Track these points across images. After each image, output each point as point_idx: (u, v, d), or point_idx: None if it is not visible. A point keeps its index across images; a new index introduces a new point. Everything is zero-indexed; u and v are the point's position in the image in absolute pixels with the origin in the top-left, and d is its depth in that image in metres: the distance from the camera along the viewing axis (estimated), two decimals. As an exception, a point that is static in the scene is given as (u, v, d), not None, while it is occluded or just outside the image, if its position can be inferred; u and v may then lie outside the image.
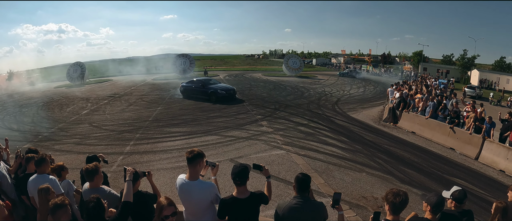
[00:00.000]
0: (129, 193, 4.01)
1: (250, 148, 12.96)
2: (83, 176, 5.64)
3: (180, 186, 4.26)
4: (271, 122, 17.33)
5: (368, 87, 32.23)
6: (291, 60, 52.70)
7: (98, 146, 15.25)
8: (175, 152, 13.40)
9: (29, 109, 29.48)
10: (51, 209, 3.65)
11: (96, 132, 18.09)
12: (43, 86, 55.03)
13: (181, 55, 55.07)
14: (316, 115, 18.70)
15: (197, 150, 4.18)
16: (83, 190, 4.93)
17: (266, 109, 21.31)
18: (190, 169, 4.19)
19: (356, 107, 20.95)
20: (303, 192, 3.90)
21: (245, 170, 4.02)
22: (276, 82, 39.73)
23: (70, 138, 17.05)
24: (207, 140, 14.74)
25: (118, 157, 13.19)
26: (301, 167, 10.53)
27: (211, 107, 23.11)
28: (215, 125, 17.55)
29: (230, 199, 4.08)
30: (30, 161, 5.93)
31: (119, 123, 19.79)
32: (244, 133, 15.32)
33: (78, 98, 34.06)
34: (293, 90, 31.39)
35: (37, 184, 5.24)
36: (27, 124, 22.20)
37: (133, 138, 15.98)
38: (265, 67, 73.70)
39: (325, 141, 13.45)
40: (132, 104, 27.42)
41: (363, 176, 9.78)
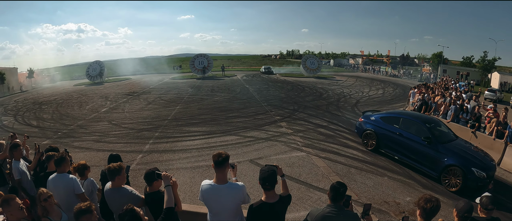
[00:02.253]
0: (170, 199, 3.98)
1: (270, 149, 12.90)
2: (104, 175, 5.78)
3: (207, 191, 4.20)
4: (290, 123, 17.25)
5: (387, 89, 31.87)
6: (309, 60, 52.55)
7: (117, 143, 15.41)
8: (195, 151, 13.44)
9: (49, 106, 30.05)
10: (76, 214, 3.62)
11: (115, 129, 18.30)
12: (63, 84, 56.26)
13: (199, 55, 55.31)
14: (336, 116, 18.59)
15: (224, 153, 4.15)
16: (105, 190, 4.94)
17: (284, 110, 21.23)
18: (219, 172, 4.15)
19: (376, 109, 20.67)
20: (338, 201, 3.85)
21: (274, 174, 3.99)
22: (294, 83, 39.58)
23: (89, 135, 17.30)
24: (226, 140, 14.77)
25: (137, 155, 13.32)
26: (322, 169, 10.44)
27: (229, 107, 23.19)
28: (234, 125, 17.57)
29: (260, 204, 4.04)
30: (50, 159, 5.99)
31: (138, 121, 19.98)
32: (263, 134, 15.29)
33: (97, 96, 34.57)
34: (312, 91, 31.25)
35: (57, 183, 5.39)
36: (47, 121, 22.61)
37: (152, 137, 16.12)
38: (282, 68, 73.53)
39: (346, 143, 13.33)
40: (151, 103, 27.65)
41: (385, 180, 9.65)
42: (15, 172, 6.73)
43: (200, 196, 4.29)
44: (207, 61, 53.91)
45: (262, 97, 27.41)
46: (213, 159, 4.13)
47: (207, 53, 56.79)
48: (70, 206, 5.15)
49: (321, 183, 9.36)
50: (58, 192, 5.32)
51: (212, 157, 4.15)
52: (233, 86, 36.83)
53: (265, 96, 28.10)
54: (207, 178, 9.29)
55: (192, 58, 55.43)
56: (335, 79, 43.61)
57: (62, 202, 5.27)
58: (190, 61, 55.51)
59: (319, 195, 8.58)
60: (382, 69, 59.93)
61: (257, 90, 32.42)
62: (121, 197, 4.63)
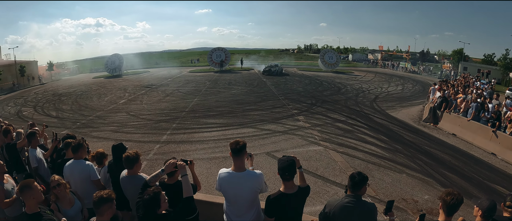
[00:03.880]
0: (189, 188, 3.91)
1: (286, 142, 12.87)
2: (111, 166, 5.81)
3: (225, 178, 4.15)
4: (308, 117, 17.13)
5: (406, 86, 31.38)
6: (328, 55, 52.08)
7: (135, 134, 15.64)
8: (211, 142, 13.54)
9: (68, 98, 30.63)
10: (96, 203, 3.60)
11: (134, 120, 18.53)
12: (82, 77, 57.42)
13: (216, 48, 55.48)
14: (354, 111, 18.37)
15: (242, 141, 4.12)
16: (121, 178, 4.94)
17: (302, 104, 21.11)
18: (237, 160, 4.12)
19: (395, 105, 20.42)
20: (356, 190, 3.77)
21: (294, 163, 3.91)
22: (311, 77, 39.35)
23: (107, 126, 17.60)
24: (243, 132, 14.82)
25: (155, 145, 13.50)
26: (339, 164, 10.33)
27: (246, 100, 23.22)
28: (251, 117, 17.60)
29: (279, 195, 3.95)
30: (68, 147, 6.00)
31: (156, 113, 20.19)
32: (280, 127, 15.24)
33: (115, 88, 35.06)
34: (330, 85, 31.01)
35: (73, 169, 5.45)
36: (66, 111, 23.04)
37: (169, 128, 16.27)
38: (300, 62, 73.09)
39: (364, 139, 13.14)
40: (169, 95, 27.88)
41: (403, 178, 9.46)
42: (32, 159, 6.85)
43: (218, 184, 4.25)
44: (225, 54, 54.04)
45: (279, 91, 27.33)
46: (230, 146, 4.10)
47: (225, 47, 56.89)
48: (86, 192, 5.37)
49: (338, 178, 9.27)
50: (74, 178, 5.43)
51: (230, 145, 4.11)
52: (250, 80, 36.80)
53: (283, 90, 28.01)
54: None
55: (210, 51, 55.74)
56: (354, 74, 43.19)
57: (78, 188, 5.35)
58: (208, 54, 55.87)
59: (336, 190, 8.49)
60: (401, 65, 58.86)
61: (274, 84, 32.32)
62: (138, 184, 4.49)
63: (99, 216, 3.63)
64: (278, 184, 4.10)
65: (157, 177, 4.08)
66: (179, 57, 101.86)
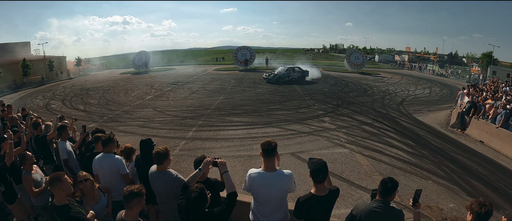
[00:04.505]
0: (231, 184, 4.01)
1: (312, 144, 12.84)
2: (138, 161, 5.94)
3: (256, 179, 4.18)
4: (333, 118, 17.03)
5: (434, 89, 30.74)
6: (354, 55, 51.22)
7: (162, 129, 15.91)
8: (237, 140, 13.66)
9: (96, 92, 31.37)
10: (127, 197, 3.64)
11: (160, 116, 18.85)
12: (109, 72, 58.64)
13: (242, 47, 55.63)
14: (381, 114, 18.15)
15: (274, 142, 4.12)
16: (150, 173, 4.98)
17: (328, 105, 21.00)
18: (268, 160, 4.13)
19: (422, 109, 20.04)
20: (386, 196, 3.78)
21: (326, 166, 3.88)
22: (337, 78, 38.98)
23: (134, 121, 17.97)
24: (268, 131, 14.88)
25: (181, 141, 13.70)
26: (365, 168, 10.26)
27: (271, 99, 23.29)
28: (276, 117, 17.63)
29: (310, 197, 3.93)
30: (98, 141, 6.16)
31: (182, 109, 20.45)
32: (305, 128, 15.22)
33: (142, 84, 35.66)
34: (356, 87, 30.68)
35: (102, 162, 5.60)
36: (93, 106, 23.62)
37: (195, 124, 16.48)
38: (326, 62, 72.52)
39: (390, 143, 12.98)
40: (195, 92, 28.17)
41: (429, 184, 9.30)
42: (62, 151, 7.03)
43: (247, 185, 4.26)
44: (250, 53, 54.13)
45: (304, 91, 27.25)
46: (262, 147, 4.11)
47: (249, 46, 57.01)
48: (114, 185, 5.56)
49: (363, 182, 9.22)
50: (103, 171, 5.61)
51: (261, 145, 4.13)
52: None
53: (308, 90, 27.89)
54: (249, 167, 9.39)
55: (235, 50, 56.00)
56: (380, 76, 42.52)
57: (106, 182, 5.53)
58: (233, 53, 56.13)
59: (361, 194, 8.47)
60: (429, 67, 57.57)
61: (300, 83, 32.25)
62: (166, 180, 4.70)
63: (129, 210, 3.70)
64: (302, 185, 4.11)
65: (196, 177, 4.11)
66: (204, 55, 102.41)
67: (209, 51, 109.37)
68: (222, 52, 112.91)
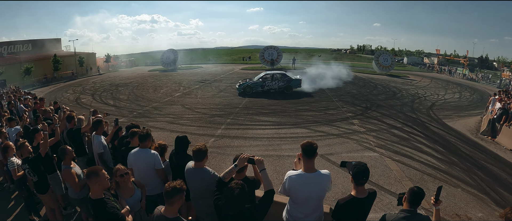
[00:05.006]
0: (268, 182, 4.05)
1: (341, 146, 12.89)
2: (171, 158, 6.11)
3: (297, 180, 4.19)
4: (362, 121, 17.01)
5: (464, 94, 30.08)
6: (382, 57, 50.42)
7: (191, 126, 16.32)
8: (265, 140, 13.86)
9: (125, 88, 32.30)
10: (169, 193, 3.69)
11: (188, 113, 19.34)
12: (137, 69, 60.10)
13: (269, 47, 55.79)
14: (410, 118, 18.00)
15: (315, 143, 4.18)
16: (187, 169, 5.07)
17: (357, 107, 20.95)
18: (309, 161, 4.20)
19: (452, 114, 19.77)
20: (415, 206, 3.82)
21: (368, 169, 4.02)
22: (365, 80, 38.62)
23: (163, 117, 18.54)
24: (296, 132, 15.00)
25: (210, 138, 14.07)
26: (394, 173, 10.28)
27: (299, 100, 23.41)
28: (304, 118, 17.75)
29: (351, 200, 4.03)
30: (134, 135, 6.38)
31: (210, 107, 20.88)
32: (334, 130, 15.28)
33: (171, 82, 36.41)
34: (384, 89, 30.39)
35: (138, 156, 5.80)
36: (123, 101, 24.39)
37: (224, 123, 16.83)
38: (353, 63, 71.86)
39: (420, 148, 12.88)
40: (222, 91, 28.60)
41: (458, 192, 9.24)
42: (98, 145, 7.32)
43: (287, 187, 4.28)
44: (277, 53, 54.26)
45: (332, 92, 27.23)
46: (304, 147, 4.17)
47: (276, 46, 57.08)
48: (148, 180, 5.76)
49: (393, 187, 9.25)
50: (139, 165, 5.79)
51: (302, 146, 4.19)
52: (303, 79, 36.54)
53: (336, 92, 27.83)
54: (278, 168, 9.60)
55: (262, 50, 56.17)
56: (409, 79, 41.79)
57: (141, 176, 5.72)
58: (260, 52, 56.23)
59: (390, 199, 8.52)
60: (458, 71, 56.16)
61: (327, 84, 32.09)
62: (204, 177, 4.80)
63: (170, 206, 3.75)
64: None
65: (231, 172, 4.19)
66: (231, 54, 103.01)
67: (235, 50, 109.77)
68: (248, 52, 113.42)
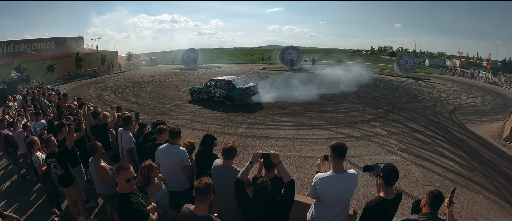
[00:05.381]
0: (287, 174, 4.11)
1: (363, 149, 12.92)
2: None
3: (329, 182, 4.20)
4: (384, 124, 16.96)
5: (486, 98, 29.53)
6: (404, 58, 49.81)
7: (212, 125, 16.64)
8: (286, 140, 14.01)
9: (146, 86, 33.01)
10: (203, 190, 3.71)
11: (210, 112, 19.65)
12: (158, 68, 61.32)
13: (289, 47, 55.86)
14: (432, 122, 17.87)
15: (346, 144, 4.24)
16: (214, 166, 5.19)
17: (378, 109, 20.91)
18: (339, 162, 4.23)
19: (474, 119, 19.62)
20: (435, 209, 3.95)
21: (397, 169, 4.10)
22: (387, 82, 38.35)
23: (185, 115, 18.98)
24: (317, 133, 15.09)
25: (231, 137, 14.35)
26: (416, 177, 10.30)
27: (320, 101, 23.53)
28: (326, 119, 17.81)
29: (380, 201, 4.09)
30: (161, 132, 6.69)
31: (231, 106, 21.09)
32: (356, 132, 15.33)
33: (191, 80, 36.98)
34: (406, 92, 30.13)
35: (166, 152, 6.02)
36: (145, 98, 25.06)
37: (245, 122, 17.06)
38: (374, 64, 71.22)
39: (442, 153, 12.83)
40: (243, 90, 28.72)
41: (480, 199, 9.17)
42: (129, 141, 7.62)
43: (317, 189, 4.27)
44: (297, 53, 54.28)
45: (354, 94, 27.25)
46: (334, 147, 4.20)
47: (296, 46, 57.10)
48: (175, 176, 5.99)
49: (414, 191, 9.26)
50: (166, 161, 6.01)
51: (332, 146, 4.22)
52: (323, 80, 36.75)
53: (357, 93, 27.84)
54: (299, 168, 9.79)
55: (282, 50, 56.36)
56: (431, 82, 41.40)
57: (168, 171, 5.93)
58: (280, 52, 56.35)
59: (411, 203, 8.56)
60: (481, 74, 54.95)
61: (349, 86, 32.09)
62: (230, 175, 4.79)
63: (201, 203, 3.78)
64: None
65: (248, 170, 4.26)
66: (250, 54, 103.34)
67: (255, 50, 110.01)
68: (268, 52, 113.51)
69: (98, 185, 6.49)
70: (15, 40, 58.49)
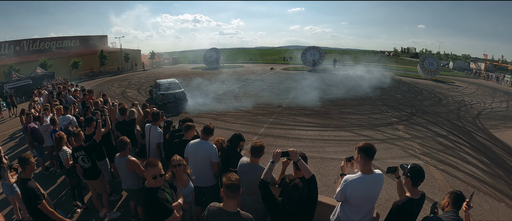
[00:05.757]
0: (307, 169, 4.27)
1: (385, 152, 12.94)
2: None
3: (359, 184, 4.25)
4: (407, 127, 16.86)
5: (511, 103, 29.06)
6: (428, 60, 48.75)
7: (234, 123, 16.98)
8: (308, 141, 14.19)
9: None
10: (236, 186, 3.79)
11: (232, 111, 20.06)
12: (180, 67, 62.33)
13: (311, 47, 55.79)
14: (456, 127, 17.68)
15: (375, 146, 4.33)
16: (241, 164, 5.37)
17: (401, 112, 20.78)
18: (368, 163, 4.29)
19: (499, 125, 19.19)
20: (458, 208, 4.13)
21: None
22: (410, 84, 37.88)
23: (207, 113, 19.34)
24: (340, 135, 15.17)
25: (253, 137, 14.53)
26: (439, 182, 10.28)
27: (342, 102, 23.59)
28: (348, 121, 17.88)
29: (408, 201, 4.18)
30: (189, 129, 7.05)
31: (253, 106, 21.54)
32: (379, 134, 15.34)
33: (213, 80, 37.11)
34: (430, 95, 29.72)
35: (198, 148, 6.31)
36: None
37: (267, 122, 17.34)
38: (396, 66, 70.38)
39: (465, 158, 12.71)
40: (265, 90, 29.09)
41: (502, 207, 9.04)
42: (158, 135, 8.02)
43: (347, 192, 4.30)
44: (319, 54, 54.17)
45: (376, 96, 27.13)
46: (363, 148, 4.27)
47: (319, 46, 56.97)
48: (202, 171, 6.24)
49: (436, 197, 9.21)
50: (196, 155, 6.29)
51: (362, 147, 4.29)
52: (345, 81, 36.77)
53: (380, 95, 27.71)
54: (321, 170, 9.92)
55: (304, 50, 56.45)
56: (454, 85, 40.61)
57: (197, 166, 6.17)
58: (302, 53, 56.44)
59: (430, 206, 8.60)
60: (506, 78, 53.48)
61: (371, 87, 32.08)
62: (256, 173, 4.84)
63: (231, 199, 3.86)
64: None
65: (271, 170, 4.36)
66: (271, 54, 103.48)
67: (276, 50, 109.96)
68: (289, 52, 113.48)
69: (125, 180, 6.76)
70: (40, 38, 60.87)
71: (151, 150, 8.11)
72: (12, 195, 7.32)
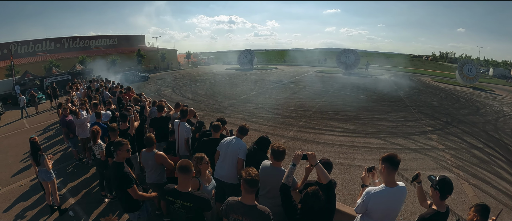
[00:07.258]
0: (325, 174, 4.30)
1: (416, 162, 12.58)
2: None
3: (383, 196, 4.20)
4: (442, 137, 16.30)
5: None
6: (467, 66, 46.81)
7: (263, 125, 17.11)
8: (337, 147, 14.05)
9: (203, 84, 34.42)
10: (255, 181, 3.92)
11: (262, 112, 20.24)
12: (215, 67, 63.49)
13: (346, 50, 55.30)
14: (493, 139, 16.87)
15: (398, 155, 4.25)
16: (263, 166, 5.37)
17: (436, 121, 20.15)
18: (392, 174, 4.24)
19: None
20: (486, 219, 4.01)
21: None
22: (447, 91, 36.67)
23: (238, 114, 19.69)
24: (371, 142, 14.93)
25: (281, 139, 14.69)
26: (469, 198, 9.80)
27: (375, 108, 23.24)
28: (380, 128, 17.56)
29: (435, 214, 4.11)
30: (217, 129, 7.35)
31: (284, 108, 21.63)
32: (411, 144, 14.96)
33: (246, 81, 37.89)
34: (467, 103, 28.65)
35: (230, 143, 6.60)
36: (201, 96, 26.16)
37: (296, 125, 17.35)
38: (434, 72, 68.42)
39: (500, 174, 12.03)
40: (296, 93, 29.22)
41: None
42: (187, 131, 8.28)
43: (369, 205, 4.27)
44: (354, 57, 53.57)
45: (412, 102, 26.50)
46: (388, 159, 4.22)
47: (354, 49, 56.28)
48: (229, 166, 6.52)
49: (465, 214, 8.71)
50: (227, 150, 6.56)
51: (386, 158, 4.24)
52: (380, 86, 36.21)
53: (416, 102, 27.07)
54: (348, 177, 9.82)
55: (339, 52, 56.03)
56: (494, 93, 38.97)
57: (225, 160, 6.55)
58: (337, 55, 55.98)
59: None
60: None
61: (406, 93, 31.47)
62: (278, 176, 4.92)
63: (250, 194, 3.99)
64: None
65: (291, 173, 4.41)
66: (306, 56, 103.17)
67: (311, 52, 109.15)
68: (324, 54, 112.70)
69: (150, 174, 7.09)
70: (80, 36, 63.60)
71: (180, 145, 8.40)
72: (49, 180, 8.12)
